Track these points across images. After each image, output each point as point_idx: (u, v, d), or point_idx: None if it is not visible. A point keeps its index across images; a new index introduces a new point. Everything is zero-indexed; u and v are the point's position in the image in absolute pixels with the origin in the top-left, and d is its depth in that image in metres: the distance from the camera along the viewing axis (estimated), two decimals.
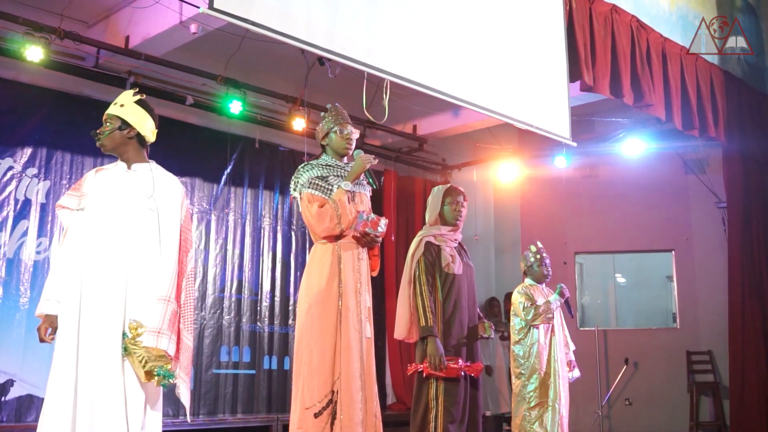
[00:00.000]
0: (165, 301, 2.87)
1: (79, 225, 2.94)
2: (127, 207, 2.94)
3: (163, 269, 2.92)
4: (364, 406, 3.54)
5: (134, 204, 2.96)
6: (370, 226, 3.67)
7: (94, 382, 2.72)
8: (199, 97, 6.84)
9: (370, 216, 3.70)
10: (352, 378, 3.53)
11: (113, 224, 2.91)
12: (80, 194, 2.99)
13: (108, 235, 2.89)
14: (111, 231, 2.90)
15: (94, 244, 2.87)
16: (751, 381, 7.48)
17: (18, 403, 5.70)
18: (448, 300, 4.22)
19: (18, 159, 6.01)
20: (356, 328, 3.60)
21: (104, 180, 3.01)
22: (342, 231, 3.64)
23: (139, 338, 2.77)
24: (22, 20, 5.56)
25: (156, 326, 2.81)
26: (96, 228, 2.90)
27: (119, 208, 2.94)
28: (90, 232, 2.90)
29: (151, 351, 2.75)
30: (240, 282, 7.33)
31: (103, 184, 3.00)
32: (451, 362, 4.08)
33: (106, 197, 2.95)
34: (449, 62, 4.83)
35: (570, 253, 9.32)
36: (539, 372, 5.25)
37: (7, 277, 5.81)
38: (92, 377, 2.72)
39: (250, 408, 7.17)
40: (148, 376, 2.72)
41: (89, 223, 2.92)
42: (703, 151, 8.25)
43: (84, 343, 2.76)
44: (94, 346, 2.75)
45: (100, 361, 2.74)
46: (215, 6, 3.53)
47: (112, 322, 2.80)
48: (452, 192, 4.47)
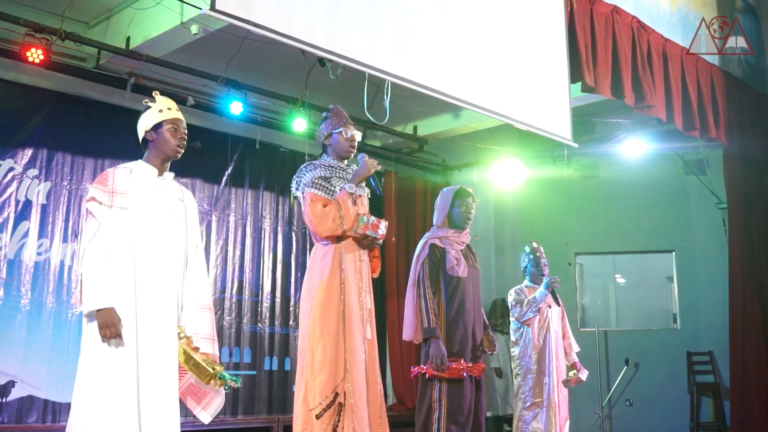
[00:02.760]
0: (209, 309, 3.03)
1: (123, 224, 2.88)
2: (168, 212, 2.99)
3: (203, 276, 3.05)
4: (369, 408, 3.55)
5: (172, 209, 3.01)
6: (371, 228, 3.67)
7: (158, 383, 2.78)
8: (200, 98, 6.84)
9: (371, 219, 3.70)
10: (360, 380, 3.53)
11: (163, 227, 2.95)
12: (110, 191, 2.91)
13: (161, 238, 2.92)
14: (163, 234, 2.93)
15: (149, 245, 2.88)
16: (752, 381, 7.47)
17: (19, 404, 5.69)
18: (452, 302, 4.22)
19: (19, 160, 6.00)
20: (359, 329, 3.60)
21: (140, 181, 2.99)
22: (344, 232, 3.64)
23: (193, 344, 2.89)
24: (23, 21, 5.56)
25: (209, 333, 2.98)
26: (148, 229, 2.90)
27: (163, 212, 2.97)
28: (140, 233, 2.88)
29: (209, 356, 2.91)
30: (241, 283, 7.33)
31: (140, 185, 2.97)
32: (453, 363, 4.08)
33: (149, 199, 2.96)
34: (450, 63, 4.83)
35: (570, 253, 9.33)
36: (534, 372, 5.24)
37: (8, 278, 5.81)
38: (156, 378, 2.78)
39: (251, 409, 7.17)
40: (212, 379, 2.77)
41: (138, 224, 2.89)
42: (703, 152, 8.25)
43: (144, 344, 2.78)
44: (155, 348, 2.80)
45: (162, 364, 2.81)
46: (217, 7, 3.53)
47: (170, 327, 2.87)
48: (462, 194, 4.47)
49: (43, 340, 5.87)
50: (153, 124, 3.05)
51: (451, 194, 4.48)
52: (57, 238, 6.08)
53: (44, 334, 5.89)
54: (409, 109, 7.10)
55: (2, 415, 5.60)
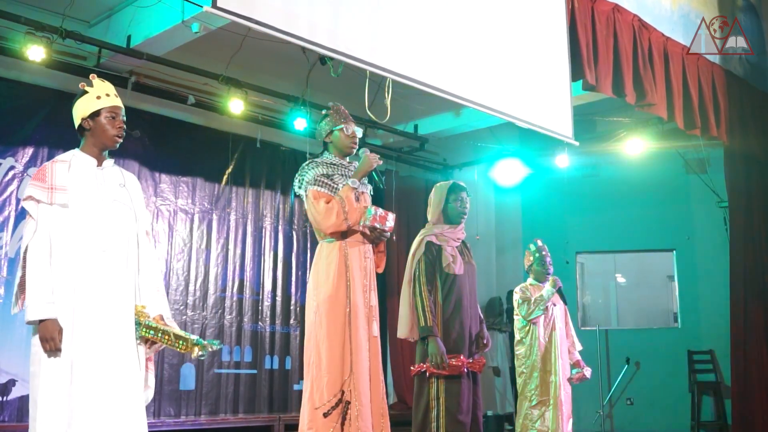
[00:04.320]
0: (162, 291, 3.00)
1: (64, 222, 2.76)
2: (111, 204, 2.87)
3: (152, 259, 2.99)
4: (371, 406, 3.54)
5: (115, 201, 2.89)
6: (379, 221, 3.67)
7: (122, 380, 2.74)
8: (201, 97, 6.83)
9: (378, 211, 3.69)
10: (364, 377, 3.52)
11: (107, 221, 2.83)
12: (49, 187, 2.78)
13: (105, 233, 2.82)
14: (107, 229, 2.83)
15: (94, 242, 2.78)
16: (753, 380, 7.47)
17: (20, 403, 5.68)
18: (449, 300, 4.21)
19: (20, 159, 6.00)
20: (364, 327, 3.59)
21: (79, 175, 2.85)
22: (349, 227, 3.63)
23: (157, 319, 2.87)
24: (24, 20, 5.56)
25: (168, 314, 2.96)
26: (91, 226, 2.79)
27: (105, 205, 2.85)
28: (84, 230, 2.77)
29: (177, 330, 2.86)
30: (241, 282, 7.33)
31: (80, 179, 2.84)
32: (453, 360, 4.08)
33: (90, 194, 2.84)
34: (452, 61, 4.83)
35: (571, 252, 9.32)
36: (540, 370, 5.24)
37: (9, 277, 5.81)
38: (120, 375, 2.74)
39: (252, 408, 7.17)
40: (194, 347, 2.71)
41: (80, 221, 2.78)
42: (704, 151, 8.24)
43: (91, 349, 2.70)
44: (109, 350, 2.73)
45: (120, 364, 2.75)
46: (218, 5, 3.52)
47: (125, 325, 2.81)
48: (456, 188, 4.44)
49: None
50: (90, 111, 2.90)
51: (445, 189, 4.44)
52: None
53: None
54: (410, 107, 7.10)
55: (3, 413, 5.60)
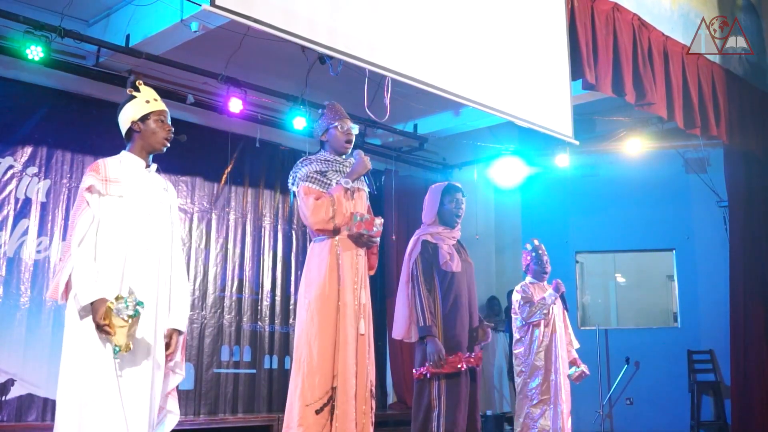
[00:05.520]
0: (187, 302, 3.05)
1: (117, 213, 2.81)
2: (157, 204, 2.94)
3: (184, 268, 3.05)
4: (354, 403, 3.54)
5: (160, 202, 2.97)
6: (365, 226, 3.65)
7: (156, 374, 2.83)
8: (200, 96, 6.81)
9: (364, 216, 3.68)
10: (349, 375, 3.54)
11: (153, 219, 2.90)
12: (104, 179, 2.82)
13: (151, 232, 2.87)
14: (153, 227, 2.89)
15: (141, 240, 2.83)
16: (753, 380, 7.47)
17: (18, 403, 5.68)
18: (447, 298, 4.20)
19: (18, 158, 5.99)
20: (352, 324, 3.61)
21: (130, 171, 2.91)
22: (335, 227, 3.63)
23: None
24: (22, 19, 5.54)
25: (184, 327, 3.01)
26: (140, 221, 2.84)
27: (153, 203, 2.92)
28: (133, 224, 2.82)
29: None
30: (240, 281, 7.32)
31: (131, 175, 2.90)
32: (451, 357, 4.07)
33: (140, 189, 2.90)
34: (452, 60, 4.82)
35: (570, 252, 9.31)
36: (541, 369, 5.25)
37: (8, 276, 5.80)
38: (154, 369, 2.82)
39: (251, 407, 7.16)
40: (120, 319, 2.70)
41: (131, 214, 2.83)
42: (704, 150, 8.24)
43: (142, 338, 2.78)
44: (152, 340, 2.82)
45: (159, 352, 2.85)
46: (217, 3, 3.51)
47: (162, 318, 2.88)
48: (451, 190, 4.42)
49: (42, 338, 5.85)
50: (141, 114, 2.98)
51: (440, 191, 4.42)
52: (56, 236, 6.06)
53: (44, 333, 5.87)
54: (410, 107, 7.09)
55: (2, 413, 5.59)
